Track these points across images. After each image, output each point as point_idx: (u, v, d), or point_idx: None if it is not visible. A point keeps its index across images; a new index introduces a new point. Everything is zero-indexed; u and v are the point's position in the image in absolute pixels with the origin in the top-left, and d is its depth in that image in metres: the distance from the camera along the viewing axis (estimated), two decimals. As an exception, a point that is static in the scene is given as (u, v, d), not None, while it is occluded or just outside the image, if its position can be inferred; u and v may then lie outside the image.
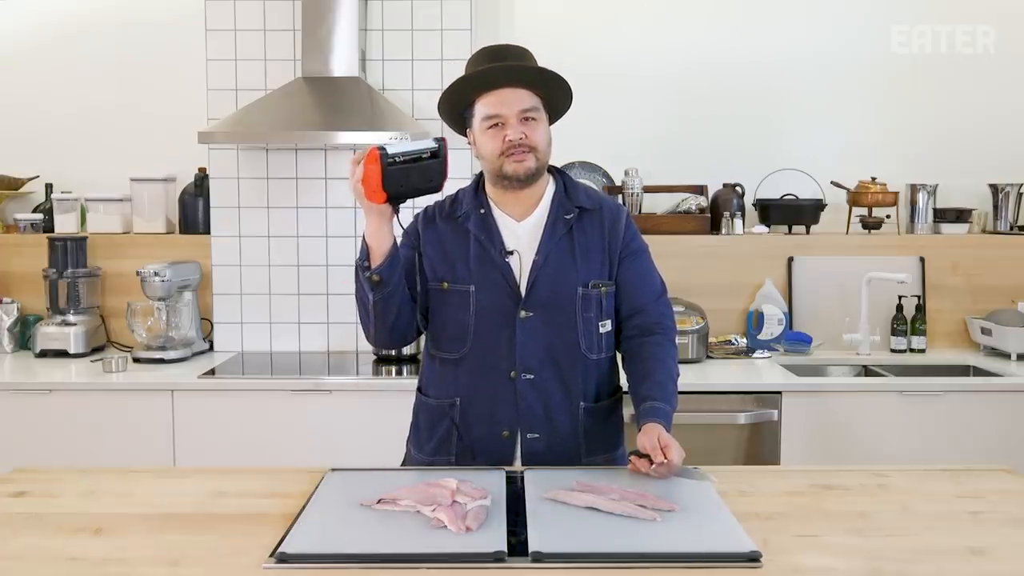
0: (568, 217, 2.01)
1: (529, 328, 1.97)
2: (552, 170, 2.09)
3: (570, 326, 1.99)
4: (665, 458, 1.78)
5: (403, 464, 2.15)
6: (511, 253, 1.99)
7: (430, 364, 2.10)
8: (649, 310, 2.05)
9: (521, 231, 2.02)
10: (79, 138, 3.82)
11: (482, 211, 2.02)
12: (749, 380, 3.17)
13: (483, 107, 1.96)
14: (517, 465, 1.98)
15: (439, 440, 2.05)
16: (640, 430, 1.88)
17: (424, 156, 1.82)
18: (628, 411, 2.04)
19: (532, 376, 1.98)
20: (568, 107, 2.05)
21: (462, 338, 2.00)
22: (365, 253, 1.91)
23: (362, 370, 3.35)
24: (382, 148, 1.79)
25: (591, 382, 2.02)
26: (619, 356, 2.11)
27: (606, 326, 2.03)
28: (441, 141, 1.83)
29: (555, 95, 2.00)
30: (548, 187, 2.05)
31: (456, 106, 2.02)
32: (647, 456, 1.81)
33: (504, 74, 1.94)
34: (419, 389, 2.14)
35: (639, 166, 3.63)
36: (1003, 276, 3.69)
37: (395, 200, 1.84)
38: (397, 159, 1.79)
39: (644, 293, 2.06)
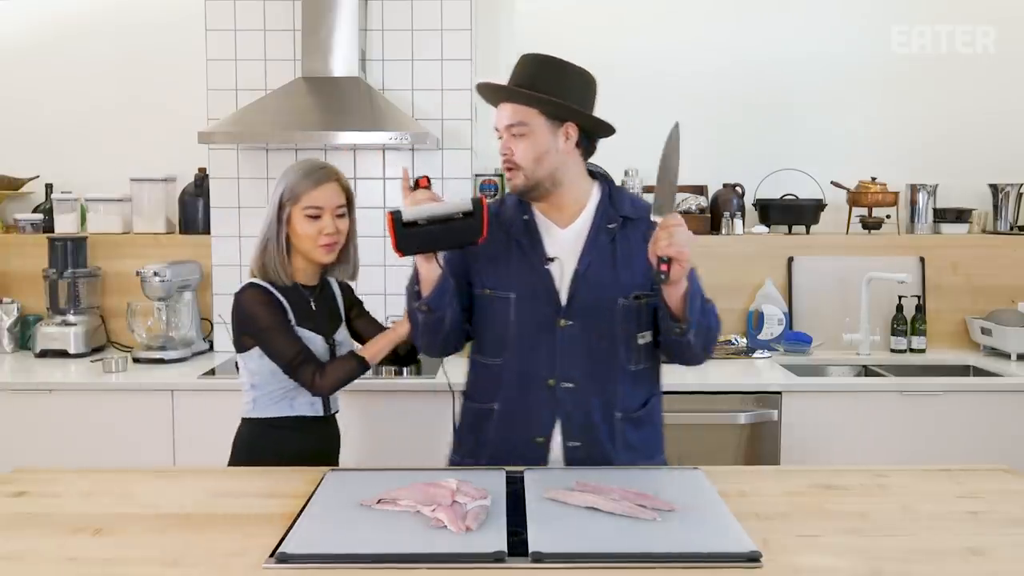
0: (611, 227, 1.99)
1: (568, 337, 1.95)
2: (597, 176, 2.06)
3: (610, 336, 1.96)
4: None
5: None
6: (552, 260, 1.97)
7: (473, 368, 2.10)
8: None
9: (563, 238, 2.00)
10: (79, 138, 3.83)
11: (525, 217, 2.01)
12: (749, 380, 3.17)
13: None
14: None
15: (476, 443, 2.05)
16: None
17: (456, 217, 1.81)
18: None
19: (571, 385, 1.96)
20: (587, 108, 1.98)
21: (502, 344, 2.00)
22: (415, 277, 1.93)
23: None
24: (396, 212, 1.79)
25: (629, 392, 2.00)
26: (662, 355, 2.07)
27: (645, 337, 2.00)
28: (478, 201, 1.81)
29: (555, 109, 1.93)
30: (592, 194, 2.03)
31: None
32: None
33: (488, 91, 1.99)
34: (464, 392, 2.14)
35: (639, 166, 3.63)
36: (1003, 276, 3.69)
37: (416, 255, 1.86)
38: (419, 222, 1.79)
39: None
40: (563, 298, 1.96)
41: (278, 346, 2.14)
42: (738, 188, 3.74)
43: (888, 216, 3.74)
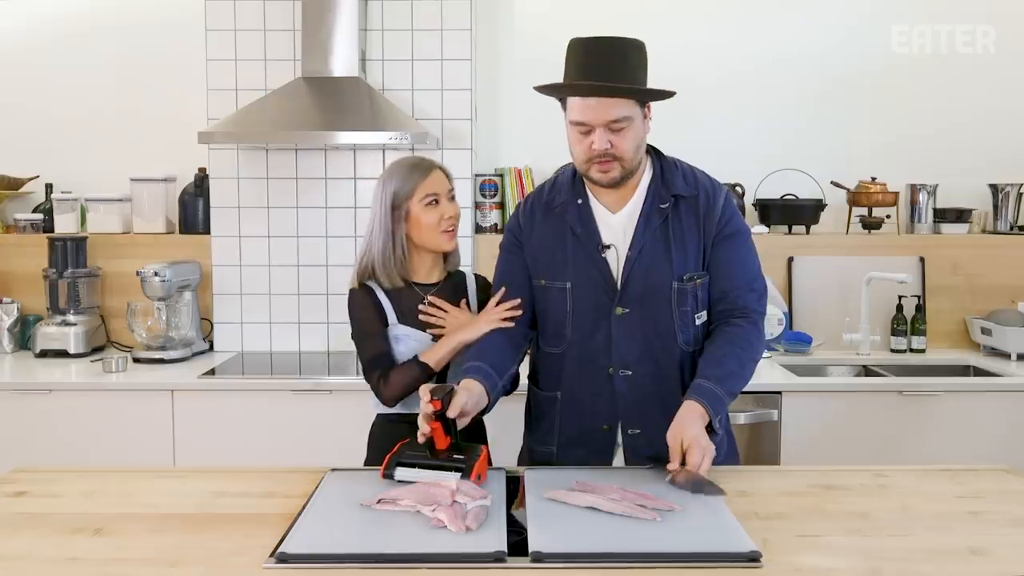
0: (663, 207, 1.96)
1: (625, 324, 1.94)
2: (650, 151, 2.02)
3: (666, 320, 1.94)
4: (684, 463, 1.75)
5: (522, 449, 2.15)
6: (608, 247, 1.96)
7: (538, 355, 2.10)
8: (735, 297, 1.98)
9: (615, 223, 1.97)
10: (79, 138, 3.83)
11: (579, 201, 1.98)
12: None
13: (572, 110, 1.89)
14: (619, 459, 1.98)
15: (544, 430, 2.06)
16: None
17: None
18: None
19: (630, 372, 1.95)
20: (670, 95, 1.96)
21: (561, 334, 2.00)
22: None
23: (362, 370, 3.34)
24: (389, 474, 1.76)
25: (689, 375, 1.97)
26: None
27: (702, 317, 1.99)
28: (469, 471, 1.74)
29: (651, 97, 1.92)
30: (644, 173, 1.99)
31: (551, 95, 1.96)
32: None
33: (591, 89, 1.87)
34: (529, 377, 2.14)
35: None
36: (1003, 276, 3.69)
37: None
38: (407, 480, 1.77)
39: (734, 279, 1.98)
40: (618, 284, 1.94)
41: (360, 348, 2.15)
42: (738, 188, 3.74)
43: (888, 216, 3.74)
